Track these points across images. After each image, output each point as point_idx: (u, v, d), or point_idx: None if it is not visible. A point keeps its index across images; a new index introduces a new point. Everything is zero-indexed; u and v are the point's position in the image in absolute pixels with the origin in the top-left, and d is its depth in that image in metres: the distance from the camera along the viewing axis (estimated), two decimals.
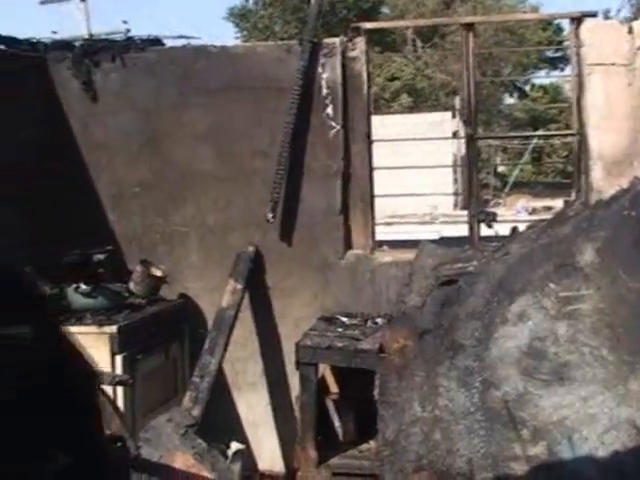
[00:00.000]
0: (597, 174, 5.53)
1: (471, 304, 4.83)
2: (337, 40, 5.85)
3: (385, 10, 34.69)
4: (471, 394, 4.55)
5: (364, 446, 5.39)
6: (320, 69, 5.80)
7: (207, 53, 5.99)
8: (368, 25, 6.09)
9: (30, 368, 2.04)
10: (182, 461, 4.83)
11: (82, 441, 2.19)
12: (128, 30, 6.24)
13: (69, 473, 2.08)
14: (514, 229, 5.27)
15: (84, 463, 2.16)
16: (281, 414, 6.03)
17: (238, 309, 5.72)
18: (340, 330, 5.36)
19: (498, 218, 6.08)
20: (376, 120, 5.97)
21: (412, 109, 29.33)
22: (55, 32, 6.29)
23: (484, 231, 5.95)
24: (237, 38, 32.64)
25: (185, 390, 5.46)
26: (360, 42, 5.84)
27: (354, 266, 5.81)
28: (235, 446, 5.56)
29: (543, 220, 5.22)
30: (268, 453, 6.07)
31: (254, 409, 6.05)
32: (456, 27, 25.58)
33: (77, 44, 6.16)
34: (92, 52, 6.10)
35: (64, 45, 6.16)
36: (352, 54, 5.84)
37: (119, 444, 2.51)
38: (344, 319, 5.58)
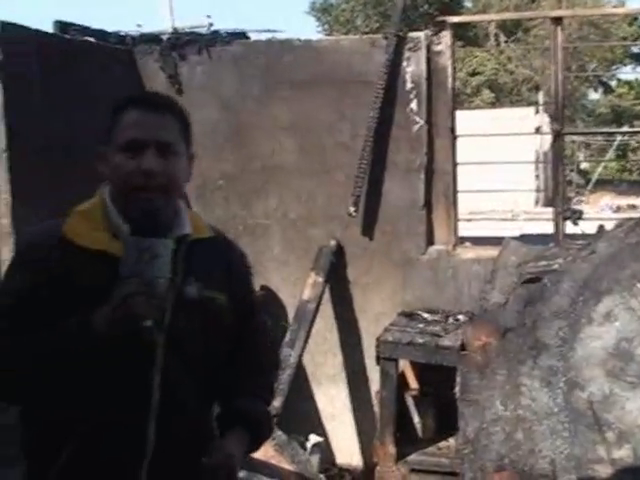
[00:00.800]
0: None
1: (556, 303, 4.76)
2: (422, 34, 5.80)
3: (467, 4, 34.34)
4: (555, 394, 4.49)
5: (443, 443, 5.36)
6: (405, 63, 5.76)
7: (292, 47, 6.00)
8: (454, 19, 6.03)
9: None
10: (262, 452, 4.87)
11: None
12: (211, 24, 6.29)
13: None
14: (600, 227, 5.16)
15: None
16: (360, 408, 6.02)
17: (319, 302, 5.73)
18: (421, 326, 5.33)
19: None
20: (458, 115, 5.90)
21: (494, 104, 28.98)
22: (140, 25, 6.37)
23: (568, 229, 5.84)
24: (319, 32, 32.72)
25: None
26: (445, 36, 5.78)
27: (436, 262, 5.76)
28: (314, 439, 5.60)
29: (631, 219, 5.11)
30: (346, 447, 6.07)
31: (333, 403, 6.05)
32: (540, 21, 25.32)
33: (164, 37, 6.23)
34: (179, 45, 6.18)
35: (151, 38, 6.24)
36: (437, 48, 5.78)
37: None
38: (425, 315, 5.54)
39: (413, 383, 5.57)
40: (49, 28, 5.71)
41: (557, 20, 5.77)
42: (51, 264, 2.12)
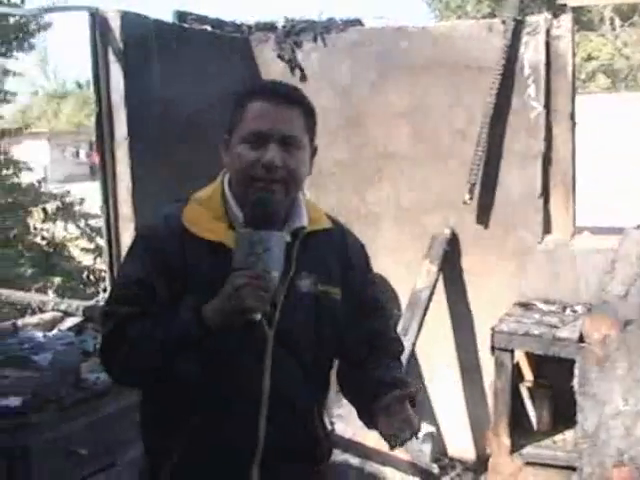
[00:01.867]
0: None
1: None
2: (541, 18, 5.65)
3: None
4: None
5: (559, 436, 5.24)
6: (523, 48, 5.63)
7: (407, 33, 5.94)
8: (574, 2, 5.85)
9: None
10: (375, 439, 4.86)
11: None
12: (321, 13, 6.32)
13: None
14: None
15: None
16: (473, 399, 5.95)
17: (432, 291, 5.68)
18: (537, 317, 5.22)
19: None
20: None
21: (609, 90, 28.16)
22: (253, 15, 6.44)
23: None
24: (430, 19, 32.40)
25: None
26: (566, 20, 5.61)
27: (553, 251, 5.62)
28: (426, 428, 5.54)
29: None
30: (458, 438, 6.00)
31: (446, 392, 5.99)
32: None
33: (279, 25, 6.27)
34: (294, 33, 6.20)
35: (267, 26, 6.28)
36: (556, 32, 5.62)
37: None
38: (541, 306, 5.43)
39: (528, 374, 5.46)
40: (170, 18, 5.82)
41: None
42: (169, 253, 2.15)
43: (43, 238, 10.47)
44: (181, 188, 2.48)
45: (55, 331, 4.38)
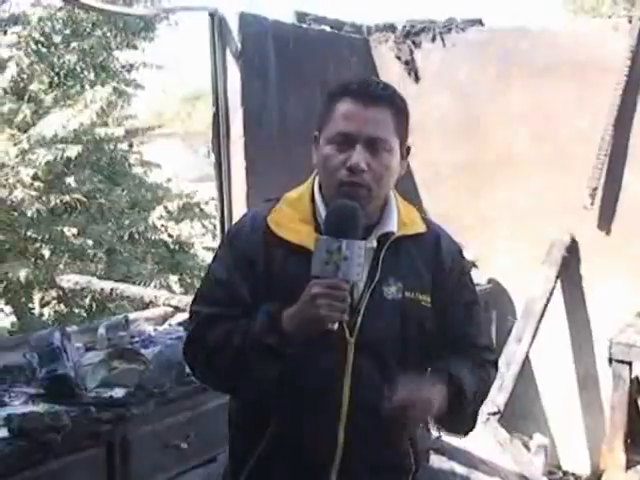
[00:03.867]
0: None
1: None
2: None
3: None
4: None
5: None
6: None
7: (528, 33, 5.79)
8: None
9: None
10: (483, 448, 4.76)
11: None
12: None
13: None
14: None
15: None
16: (589, 411, 5.73)
17: (549, 298, 5.51)
18: None
19: None
20: None
21: None
22: (376, 17, 6.40)
23: None
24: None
25: None
26: None
27: None
28: (539, 439, 5.40)
29: None
30: (572, 451, 5.79)
31: (560, 403, 5.80)
32: None
33: (398, 26, 6.21)
34: (413, 33, 6.14)
35: (386, 27, 6.24)
36: None
37: None
38: None
39: None
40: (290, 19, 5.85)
41: None
42: (252, 254, 2.14)
43: (170, 236, 10.76)
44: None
45: (165, 325, 4.47)
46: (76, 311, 9.42)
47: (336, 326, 1.97)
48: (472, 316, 2.34)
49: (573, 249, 5.67)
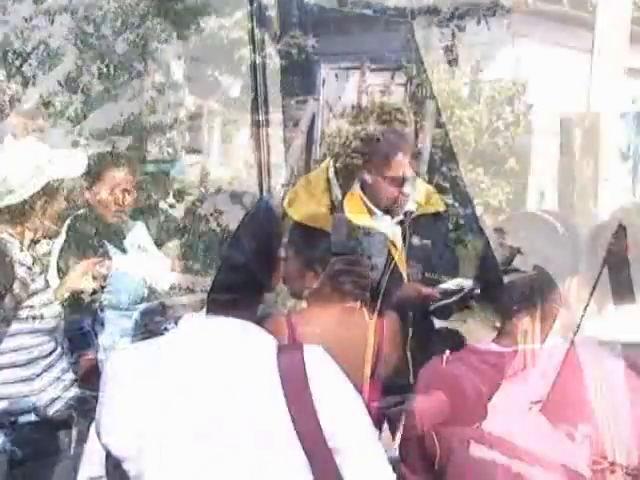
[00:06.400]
0: None
1: None
2: None
3: None
4: None
5: None
6: None
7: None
8: None
9: None
10: (525, 438, 4.67)
11: None
12: None
13: None
14: None
15: None
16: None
17: (595, 285, 5.38)
18: None
19: None
20: None
21: None
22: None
23: None
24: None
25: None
26: None
27: None
28: (584, 429, 5.27)
29: None
30: (619, 441, 5.66)
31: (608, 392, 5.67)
32: None
33: (442, 9, 6.14)
34: (457, 16, 6.06)
35: (430, 10, 6.17)
36: None
37: None
38: None
39: None
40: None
41: None
42: (266, 236, 2.12)
43: (219, 225, 10.76)
44: None
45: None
46: None
47: (359, 302, 1.97)
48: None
49: (619, 235, 5.52)
